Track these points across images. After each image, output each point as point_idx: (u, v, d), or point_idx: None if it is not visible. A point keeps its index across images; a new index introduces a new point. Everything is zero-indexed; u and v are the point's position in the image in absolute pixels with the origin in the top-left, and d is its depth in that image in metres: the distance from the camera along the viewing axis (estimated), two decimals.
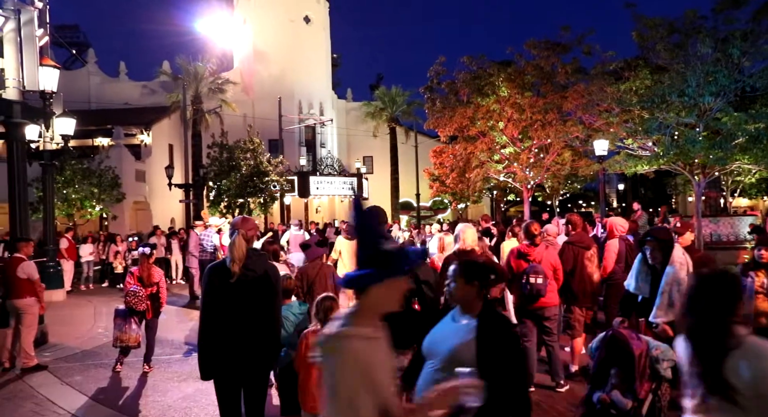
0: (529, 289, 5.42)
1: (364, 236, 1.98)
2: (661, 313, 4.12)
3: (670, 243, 4.32)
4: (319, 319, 3.93)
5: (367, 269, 1.88)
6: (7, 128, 8.68)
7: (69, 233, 15.68)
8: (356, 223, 2.02)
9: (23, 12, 9.09)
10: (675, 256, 4.18)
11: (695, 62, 12.66)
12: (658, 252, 4.27)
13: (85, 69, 31.78)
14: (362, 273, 1.89)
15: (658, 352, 3.60)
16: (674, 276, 4.06)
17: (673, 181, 30.08)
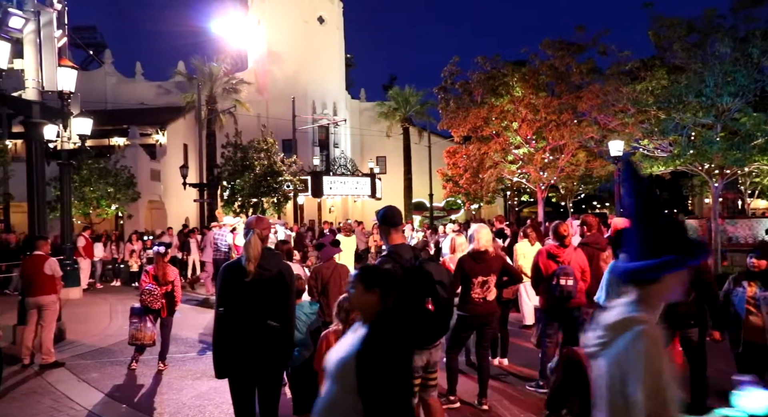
0: (559, 291, 5.38)
1: (657, 220, 1.88)
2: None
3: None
4: (340, 319, 3.92)
5: (666, 256, 1.82)
6: (27, 128, 8.80)
7: (86, 232, 15.87)
8: (640, 204, 1.91)
9: (43, 13, 9.21)
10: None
11: (713, 62, 12.51)
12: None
13: (102, 69, 32.14)
14: (662, 260, 1.81)
15: None
16: None
17: (689, 183, 29.73)
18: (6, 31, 8.36)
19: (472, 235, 5.45)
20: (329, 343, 3.88)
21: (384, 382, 2.34)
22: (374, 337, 2.43)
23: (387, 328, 2.48)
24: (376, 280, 2.57)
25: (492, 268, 5.33)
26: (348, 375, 2.36)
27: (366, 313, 2.56)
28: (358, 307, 2.62)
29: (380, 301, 2.53)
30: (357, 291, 2.58)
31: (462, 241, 6.40)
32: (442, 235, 14.53)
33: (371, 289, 2.54)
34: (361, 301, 2.57)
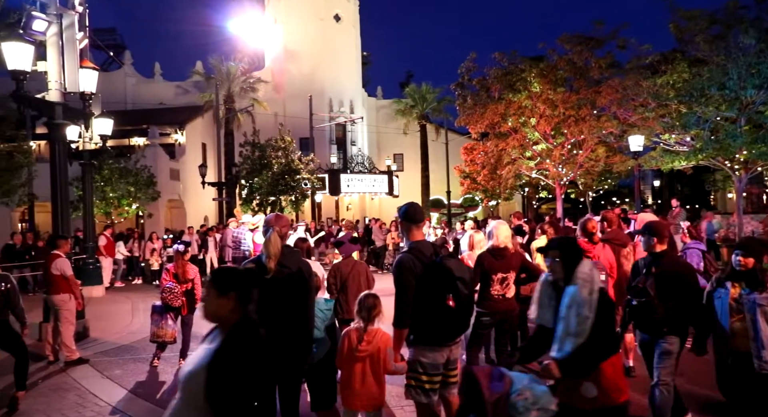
0: None
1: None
2: (555, 347, 3.17)
3: (576, 254, 3.26)
4: (362, 318, 3.93)
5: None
6: (50, 129, 8.94)
7: (107, 231, 16.10)
8: None
9: (65, 16, 9.34)
10: (578, 271, 3.14)
11: (737, 54, 12.29)
12: (559, 265, 3.25)
13: (122, 70, 32.54)
14: None
15: (522, 397, 2.77)
16: (574, 298, 3.09)
17: (711, 177, 29.31)
18: (30, 34, 8.50)
19: (491, 231, 5.42)
20: (351, 341, 3.89)
21: (235, 401, 2.11)
22: (228, 349, 2.15)
23: (244, 339, 2.18)
24: (231, 283, 2.27)
25: (511, 264, 5.30)
26: (194, 389, 2.12)
27: (221, 320, 2.26)
28: (212, 315, 2.28)
29: (237, 307, 2.24)
30: (209, 296, 2.27)
31: (480, 238, 6.36)
32: (459, 232, 14.49)
33: (226, 294, 2.24)
34: (214, 307, 2.25)
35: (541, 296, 3.36)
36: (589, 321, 3.01)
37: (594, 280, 3.12)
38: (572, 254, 3.25)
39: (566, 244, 3.32)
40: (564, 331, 3.07)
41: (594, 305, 3.03)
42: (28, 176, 16.83)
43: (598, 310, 3.04)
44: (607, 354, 3.11)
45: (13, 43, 7.85)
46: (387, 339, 3.87)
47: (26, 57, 7.92)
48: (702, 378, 5.19)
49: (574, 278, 3.14)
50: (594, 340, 3.02)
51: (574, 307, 3.05)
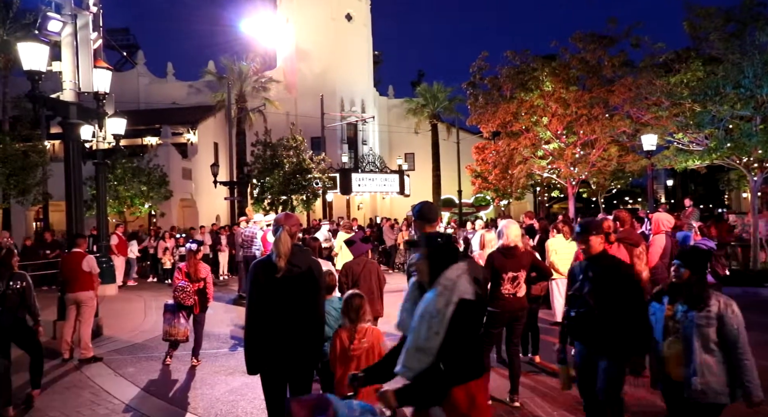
0: None
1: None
2: (401, 361, 2.63)
3: (446, 254, 2.79)
4: (349, 318, 3.95)
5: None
6: (64, 129, 9.03)
7: (119, 229, 16.24)
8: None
9: (79, 17, 9.43)
10: (443, 275, 2.67)
11: (753, 52, 12.13)
12: (424, 264, 2.78)
13: (135, 70, 32.82)
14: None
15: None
16: (427, 306, 2.61)
17: (726, 177, 28.99)
18: (45, 35, 8.60)
19: (501, 230, 5.41)
20: (342, 341, 3.91)
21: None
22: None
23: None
24: None
25: (522, 263, 5.29)
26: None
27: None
28: None
29: None
30: None
31: (491, 238, 6.33)
32: (470, 232, 14.45)
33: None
34: None
35: (405, 299, 2.85)
36: (438, 338, 2.52)
37: (457, 290, 2.60)
38: (441, 254, 2.76)
39: (436, 240, 2.85)
40: (412, 345, 2.59)
41: (447, 319, 2.53)
42: (43, 175, 17.03)
43: (454, 325, 2.54)
44: (461, 379, 2.59)
45: (29, 44, 7.93)
46: (378, 334, 3.93)
47: (41, 57, 8.00)
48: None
49: (436, 283, 2.66)
50: (444, 362, 2.53)
51: (426, 318, 2.57)
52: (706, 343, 3.36)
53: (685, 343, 3.42)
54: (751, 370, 3.28)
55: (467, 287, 2.65)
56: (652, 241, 6.74)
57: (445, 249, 2.80)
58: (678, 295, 3.56)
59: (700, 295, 3.43)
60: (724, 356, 3.34)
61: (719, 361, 3.34)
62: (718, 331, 3.34)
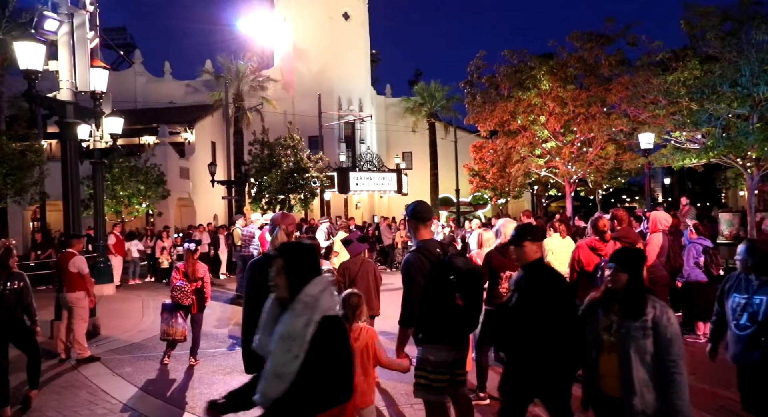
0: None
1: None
2: (259, 389, 2.35)
3: (306, 265, 2.43)
4: (345, 317, 3.95)
5: None
6: (61, 128, 9.01)
7: (117, 229, 16.20)
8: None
9: (76, 16, 9.40)
10: (304, 291, 2.35)
11: (749, 50, 12.17)
12: (282, 278, 2.42)
13: (132, 69, 32.73)
14: None
15: None
16: (285, 327, 2.31)
17: (723, 175, 29.07)
18: (41, 34, 8.57)
19: (498, 229, 5.42)
20: None
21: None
22: None
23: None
24: None
25: None
26: None
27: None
28: None
29: None
30: None
31: (489, 236, 6.34)
32: (468, 231, 14.46)
33: None
34: None
35: (265, 317, 2.49)
36: (297, 362, 2.24)
37: (319, 307, 2.32)
38: (301, 266, 2.41)
39: (294, 251, 2.49)
40: (270, 369, 2.31)
41: (308, 340, 2.25)
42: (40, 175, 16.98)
43: (316, 346, 2.26)
44: (324, 406, 2.32)
45: (25, 43, 7.91)
46: (372, 333, 3.92)
47: (38, 56, 7.98)
48: (719, 376, 5.15)
49: (296, 300, 2.34)
50: (305, 387, 2.26)
51: (284, 340, 2.28)
52: (643, 357, 2.97)
53: (621, 357, 3.01)
54: (682, 388, 2.91)
55: (331, 302, 2.41)
56: (650, 240, 6.76)
57: (306, 260, 2.45)
58: (614, 302, 3.12)
59: (638, 302, 3.04)
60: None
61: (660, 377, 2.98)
62: (654, 342, 2.97)
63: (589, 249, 5.65)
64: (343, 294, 4.11)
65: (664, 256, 6.49)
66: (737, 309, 3.71)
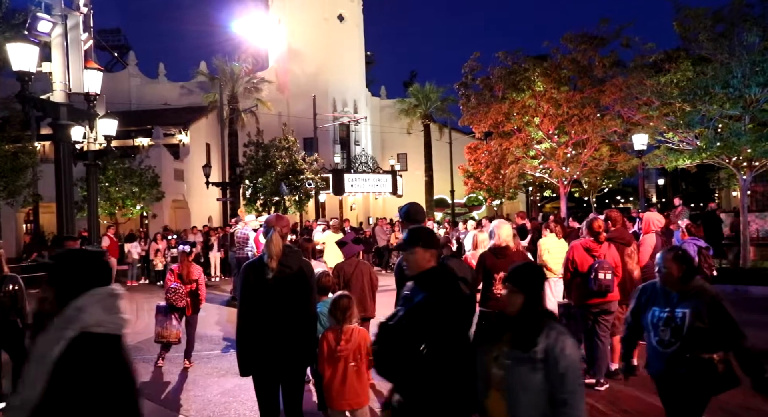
0: (598, 286, 5.36)
1: None
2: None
3: (81, 276, 2.12)
4: (336, 319, 3.97)
5: None
6: (55, 130, 8.97)
7: (110, 231, 16.14)
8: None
9: (70, 17, 9.37)
10: (71, 305, 2.03)
11: (741, 52, 12.25)
12: (49, 289, 2.12)
13: (126, 71, 32.64)
14: None
15: None
16: (37, 346, 2.01)
17: (716, 176, 29.19)
18: (34, 35, 8.53)
19: (492, 230, 5.44)
20: (329, 342, 3.93)
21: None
22: None
23: None
24: None
25: (513, 263, 5.30)
26: None
27: None
28: None
29: None
30: None
31: (484, 238, 6.36)
32: (462, 232, 14.48)
33: None
34: None
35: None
36: (36, 390, 1.89)
37: (79, 322, 1.97)
38: (71, 274, 2.09)
39: (64, 258, 2.18)
40: (15, 399, 1.96)
41: (51, 362, 1.91)
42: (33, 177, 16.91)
43: (64, 371, 1.91)
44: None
45: (18, 45, 7.87)
46: (364, 334, 3.95)
47: (31, 58, 7.94)
48: None
49: (59, 314, 1.98)
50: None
51: (31, 363, 1.92)
52: (532, 395, 2.45)
53: (508, 396, 2.49)
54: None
55: (102, 317, 2.02)
56: (643, 241, 6.80)
57: (77, 269, 2.09)
58: (507, 329, 2.59)
59: (531, 330, 2.50)
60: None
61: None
62: (546, 377, 2.45)
63: (583, 250, 5.67)
64: (334, 296, 4.13)
65: None
66: (659, 324, 3.36)
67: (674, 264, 3.34)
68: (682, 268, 3.33)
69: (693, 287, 3.34)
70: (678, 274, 3.33)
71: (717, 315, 3.20)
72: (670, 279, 3.36)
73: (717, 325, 3.19)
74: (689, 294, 3.31)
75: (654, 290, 3.52)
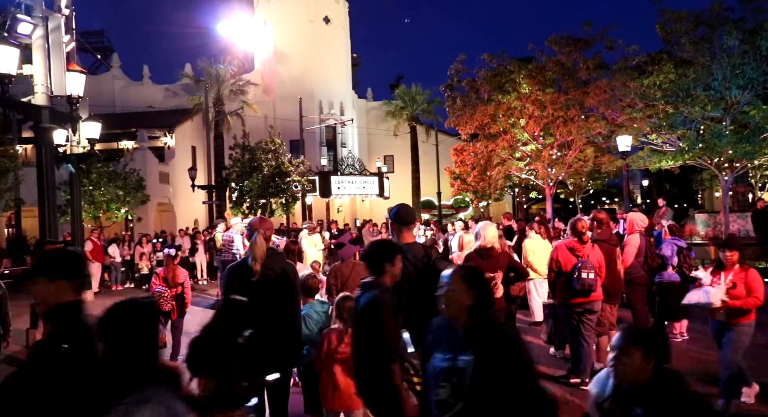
0: (581, 285, 5.39)
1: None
2: None
3: None
4: (342, 320, 3.95)
5: None
6: (36, 133, 8.88)
7: (94, 234, 15.97)
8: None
9: (51, 19, 9.28)
10: None
11: (722, 55, 12.44)
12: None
13: (110, 73, 32.36)
14: None
15: None
16: None
17: (699, 177, 29.57)
18: (15, 37, 8.43)
19: (478, 232, 5.47)
20: (330, 342, 3.91)
21: None
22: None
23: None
24: None
25: (498, 264, 5.34)
26: None
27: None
28: None
29: None
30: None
31: (470, 239, 6.38)
32: (450, 234, 14.51)
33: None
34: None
35: None
36: None
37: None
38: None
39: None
40: None
41: None
42: (15, 180, 16.69)
43: None
44: None
45: None
46: None
47: (11, 60, 7.84)
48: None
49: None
50: None
51: None
52: None
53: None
54: None
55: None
56: (627, 241, 6.86)
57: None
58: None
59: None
60: None
61: None
62: None
63: (567, 250, 5.72)
64: (337, 298, 4.11)
65: (642, 257, 6.60)
66: (439, 377, 2.32)
67: (463, 284, 2.34)
68: (473, 294, 2.33)
69: (483, 324, 2.31)
70: (468, 302, 2.31)
71: (507, 367, 2.21)
72: (456, 308, 2.34)
73: (505, 384, 2.18)
74: (476, 333, 2.29)
75: (438, 327, 2.49)
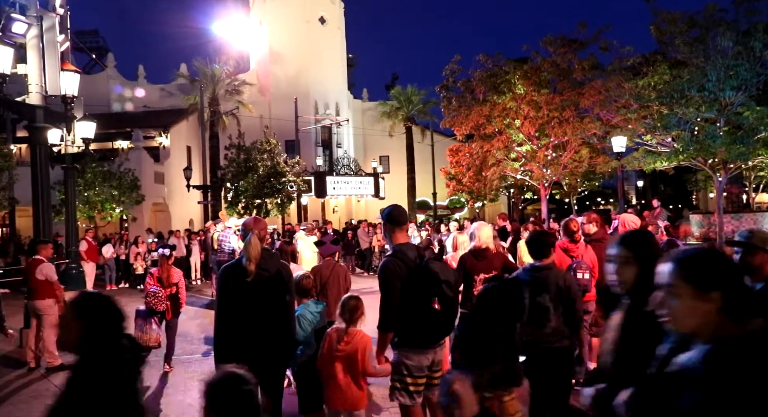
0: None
1: None
2: None
3: None
4: (344, 319, 3.95)
5: None
6: (31, 133, 8.86)
7: (89, 234, 15.91)
8: None
9: (45, 18, 9.25)
10: None
11: (716, 56, 12.50)
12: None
13: (105, 73, 32.24)
14: None
15: None
16: None
17: (693, 178, 29.71)
18: (9, 37, 8.40)
19: (473, 232, 5.47)
20: (331, 341, 3.91)
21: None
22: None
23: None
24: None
25: (493, 265, 5.34)
26: None
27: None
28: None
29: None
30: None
31: (464, 240, 6.40)
32: (444, 234, 14.53)
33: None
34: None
35: None
36: None
37: None
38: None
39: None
40: None
41: None
42: (9, 180, 16.62)
43: None
44: None
45: None
46: (366, 341, 3.89)
47: (5, 59, 7.83)
48: None
49: None
50: None
51: None
52: None
53: None
54: None
55: None
56: None
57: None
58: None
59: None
60: None
61: None
62: None
63: (561, 250, 5.73)
64: (343, 297, 4.11)
65: None
66: None
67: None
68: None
69: None
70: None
71: None
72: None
73: None
74: None
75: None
